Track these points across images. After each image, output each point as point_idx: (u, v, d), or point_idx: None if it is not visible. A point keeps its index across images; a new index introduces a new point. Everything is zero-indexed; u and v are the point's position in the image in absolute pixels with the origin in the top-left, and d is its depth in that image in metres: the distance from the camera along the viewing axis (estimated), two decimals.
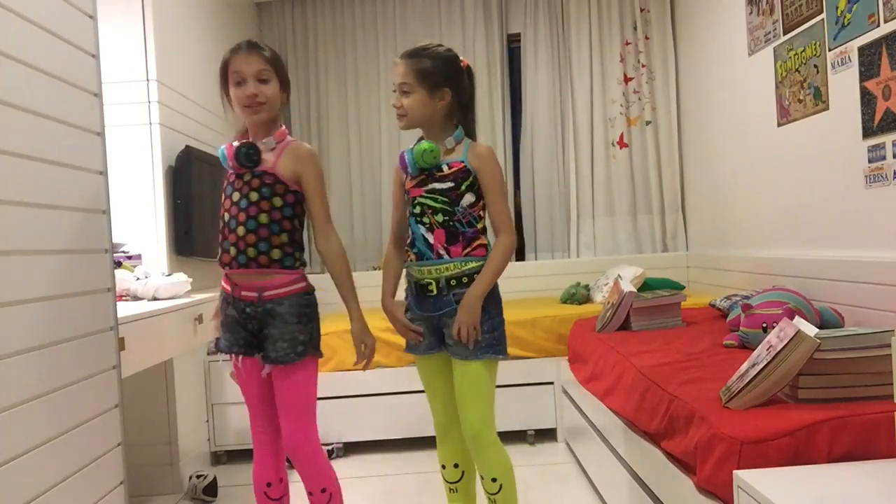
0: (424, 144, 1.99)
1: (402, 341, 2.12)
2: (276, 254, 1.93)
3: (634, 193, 4.46)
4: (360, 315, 2.02)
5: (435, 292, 2.00)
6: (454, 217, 1.99)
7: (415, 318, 2.07)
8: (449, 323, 1.98)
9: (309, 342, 1.96)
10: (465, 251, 1.99)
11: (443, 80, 2.00)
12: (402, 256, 2.11)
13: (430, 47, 2.03)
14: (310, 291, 2.00)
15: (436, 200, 2.00)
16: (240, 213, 1.92)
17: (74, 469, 1.61)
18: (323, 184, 2.01)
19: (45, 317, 1.52)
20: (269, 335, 1.93)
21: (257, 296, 1.92)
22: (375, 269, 4.46)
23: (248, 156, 1.94)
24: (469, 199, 2.00)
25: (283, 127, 2.03)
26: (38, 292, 1.50)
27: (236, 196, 1.94)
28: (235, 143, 1.96)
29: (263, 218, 1.93)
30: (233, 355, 1.99)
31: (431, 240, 1.99)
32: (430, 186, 2.00)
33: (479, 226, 2.03)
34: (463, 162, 2.01)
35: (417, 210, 2.02)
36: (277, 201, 1.94)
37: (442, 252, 1.98)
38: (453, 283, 1.99)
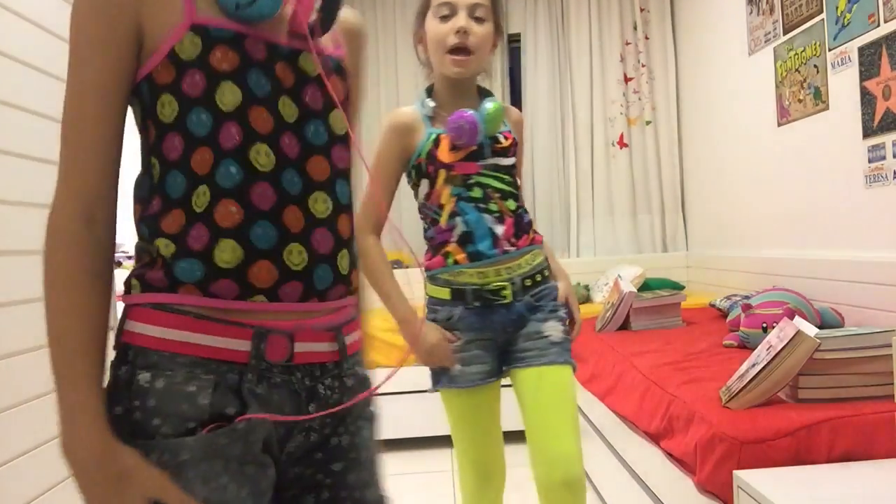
0: (496, 104, 1.51)
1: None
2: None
3: (634, 193, 4.46)
4: None
5: (510, 298, 1.53)
6: (519, 201, 1.58)
7: (470, 341, 1.54)
8: (529, 332, 1.56)
9: None
10: (530, 240, 1.58)
11: (500, 21, 1.56)
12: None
13: None
14: None
15: (502, 181, 1.54)
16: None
17: None
18: None
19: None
20: (355, 442, 0.97)
21: (337, 348, 0.90)
22: None
23: None
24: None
25: None
26: (37, 292, 1.50)
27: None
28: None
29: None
30: None
31: (500, 233, 1.52)
32: (491, 161, 1.52)
33: None
34: (511, 132, 1.58)
35: (478, 194, 1.51)
36: None
37: (508, 247, 1.53)
38: (528, 282, 1.55)
